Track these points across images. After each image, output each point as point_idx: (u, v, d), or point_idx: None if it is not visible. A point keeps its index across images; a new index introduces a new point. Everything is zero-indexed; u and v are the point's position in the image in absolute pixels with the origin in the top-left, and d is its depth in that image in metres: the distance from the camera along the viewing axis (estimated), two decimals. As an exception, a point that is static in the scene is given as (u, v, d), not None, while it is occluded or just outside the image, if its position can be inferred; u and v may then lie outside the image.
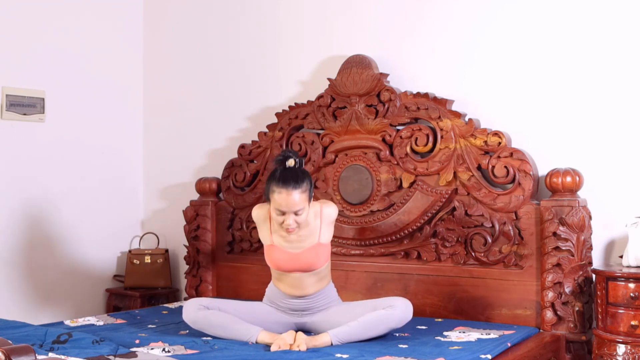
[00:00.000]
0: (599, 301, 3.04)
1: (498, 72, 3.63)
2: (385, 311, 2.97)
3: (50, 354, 2.56)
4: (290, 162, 3.00)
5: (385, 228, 3.70)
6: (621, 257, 3.19)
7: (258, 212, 3.23)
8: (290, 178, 2.95)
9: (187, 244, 4.33)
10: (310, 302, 3.15)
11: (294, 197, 2.95)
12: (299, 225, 3.03)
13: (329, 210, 3.16)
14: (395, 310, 2.97)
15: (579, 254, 3.22)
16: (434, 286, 3.59)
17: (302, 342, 2.82)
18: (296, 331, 2.96)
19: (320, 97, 3.95)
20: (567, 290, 3.22)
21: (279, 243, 3.14)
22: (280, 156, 3.05)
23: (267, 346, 2.89)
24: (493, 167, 3.46)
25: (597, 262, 3.35)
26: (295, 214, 2.98)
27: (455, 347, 2.84)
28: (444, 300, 3.56)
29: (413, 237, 3.66)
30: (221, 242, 4.22)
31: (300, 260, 3.10)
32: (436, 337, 3.05)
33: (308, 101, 4.02)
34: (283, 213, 2.99)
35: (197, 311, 3.06)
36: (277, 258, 3.14)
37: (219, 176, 4.30)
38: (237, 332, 2.99)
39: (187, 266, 4.31)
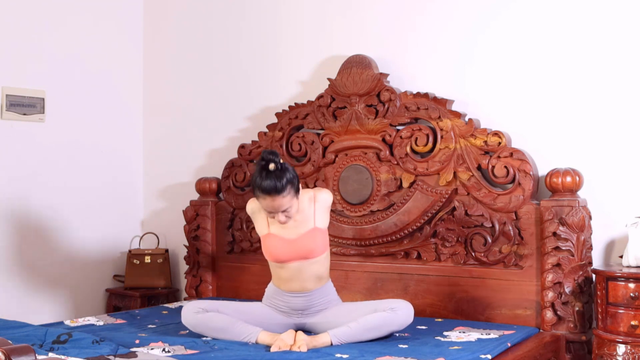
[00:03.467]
0: (599, 301, 3.04)
1: (498, 72, 3.63)
2: (386, 313, 2.96)
3: (50, 354, 2.56)
4: (272, 167, 2.93)
5: (385, 228, 3.70)
6: (621, 257, 3.19)
7: (252, 206, 3.25)
8: (272, 187, 2.91)
9: (187, 244, 4.33)
10: (310, 299, 3.14)
11: (278, 201, 2.95)
12: (290, 217, 3.04)
13: (324, 196, 3.17)
14: (397, 314, 2.97)
15: (579, 254, 3.22)
16: (434, 286, 3.59)
17: (303, 342, 2.82)
18: (296, 331, 2.96)
19: (320, 97, 3.95)
20: (567, 290, 3.22)
21: (275, 231, 3.15)
22: (261, 161, 2.97)
23: (267, 347, 2.88)
24: (493, 167, 3.46)
25: (597, 262, 3.35)
26: (284, 211, 3.00)
27: (455, 347, 2.84)
28: (444, 300, 3.56)
29: (413, 237, 3.66)
30: (221, 242, 4.22)
31: (297, 246, 3.10)
32: (436, 337, 3.05)
33: (308, 101, 4.02)
34: (271, 212, 3.02)
35: (196, 314, 3.05)
36: (274, 246, 3.14)
37: (219, 176, 4.30)
38: (237, 334, 2.98)
39: (187, 266, 4.31)
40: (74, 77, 4.40)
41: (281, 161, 2.96)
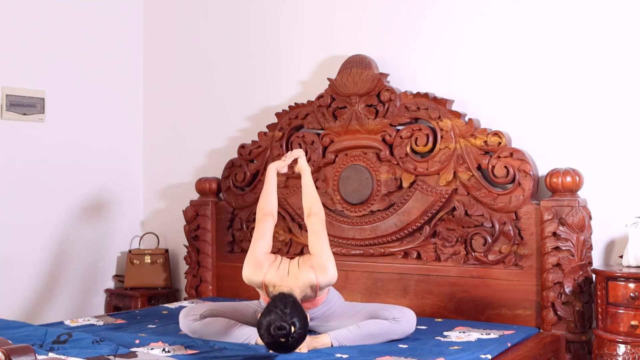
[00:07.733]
0: (599, 301, 3.04)
1: (498, 72, 3.63)
2: (389, 323, 2.95)
3: (50, 354, 2.56)
4: (282, 340, 2.60)
5: (385, 228, 3.70)
6: (621, 257, 3.19)
7: (251, 280, 3.03)
8: (281, 352, 2.65)
9: (187, 244, 4.33)
10: (311, 314, 3.05)
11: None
12: None
13: (325, 282, 2.93)
14: (400, 325, 2.97)
15: (579, 254, 3.22)
16: (434, 286, 3.59)
17: (304, 344, 2.80)
18: None
19: (320, 97, 3.95)
20: (567, 290, 3.22)
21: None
22: (270, 337, 2.59)
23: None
24: (493, 167, 3.46)
25: (597, 262, 3.35)
26: None
27: (455, 347, 2.84)
28: (444, 300, 3.56)
29: (413, 237, 3.66)
30: (221, 242, 4.22)
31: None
32: (436, 337, 3.05)
33: (308, 101, 4.02)
34: None
35: (192, 323, 3.04)
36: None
37: (219, 176, 4.30)
38: (236, 337, 2.95)
39: (187, 266, 4.31)
40: (74, 77, 4.39)
41: (292, 331, 2.58)
